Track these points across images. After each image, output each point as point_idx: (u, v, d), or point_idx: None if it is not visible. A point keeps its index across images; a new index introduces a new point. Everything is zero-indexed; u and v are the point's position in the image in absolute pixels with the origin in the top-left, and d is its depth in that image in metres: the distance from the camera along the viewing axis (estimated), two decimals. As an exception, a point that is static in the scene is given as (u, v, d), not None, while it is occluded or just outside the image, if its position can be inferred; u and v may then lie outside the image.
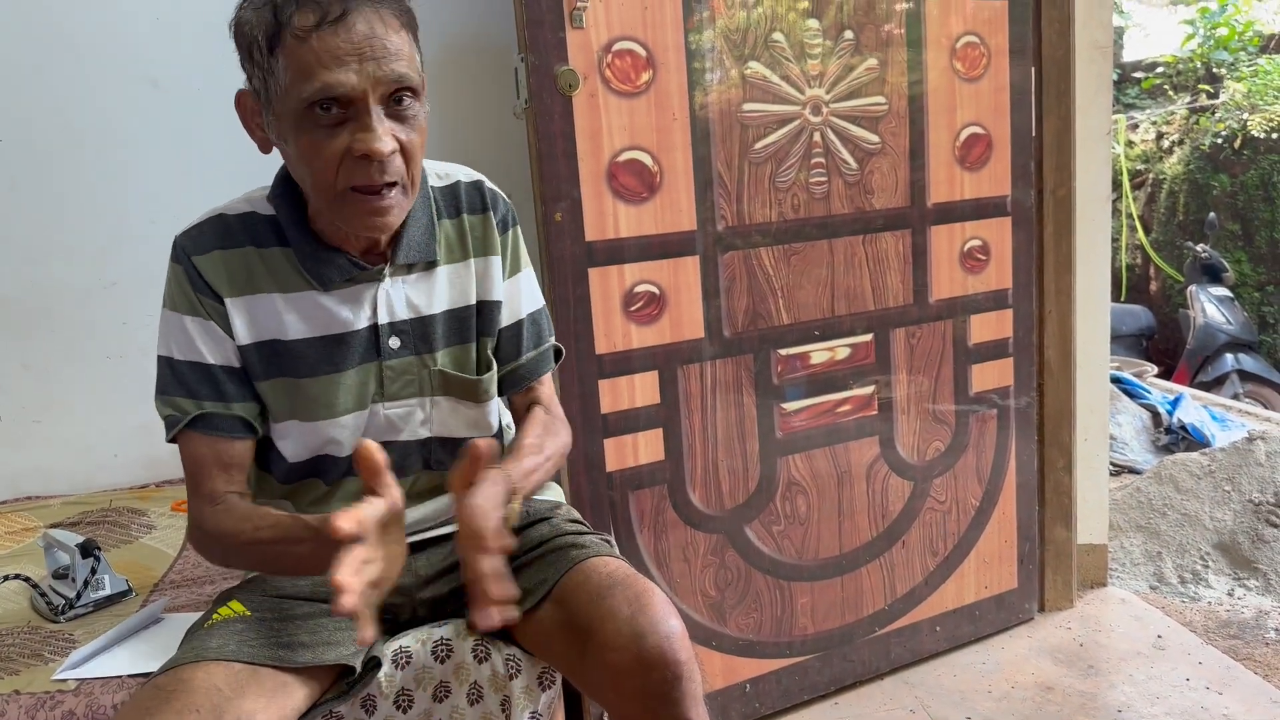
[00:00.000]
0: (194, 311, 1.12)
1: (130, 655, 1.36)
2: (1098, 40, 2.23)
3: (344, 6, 0.98)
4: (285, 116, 1.02)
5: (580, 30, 1.64)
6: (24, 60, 2.06)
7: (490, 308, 1.24)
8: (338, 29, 0.98)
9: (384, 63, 1.00)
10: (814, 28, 1.87)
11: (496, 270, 1.24)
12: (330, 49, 0.98)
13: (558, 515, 1.33)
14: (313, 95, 0.99)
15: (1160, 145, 5.43)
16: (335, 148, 1.01)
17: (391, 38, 1.01)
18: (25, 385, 2.15)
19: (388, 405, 1.20)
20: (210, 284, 1.11)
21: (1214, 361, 4.28)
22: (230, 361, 1.13)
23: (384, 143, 1.01)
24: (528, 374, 1.30)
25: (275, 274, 1.13)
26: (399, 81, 1.01)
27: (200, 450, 1.14)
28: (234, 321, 1.12)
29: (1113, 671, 2.07)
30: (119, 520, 1.96)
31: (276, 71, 1.00)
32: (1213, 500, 2.73)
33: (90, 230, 2.15)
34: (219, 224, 1.14)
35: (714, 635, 1.92)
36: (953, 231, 2.06)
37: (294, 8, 0.98)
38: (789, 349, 1.94)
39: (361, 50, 0.98)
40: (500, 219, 1.25)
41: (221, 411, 1.13)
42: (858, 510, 2.05)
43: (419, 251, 1.17)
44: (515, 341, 1.28)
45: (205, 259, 1.12)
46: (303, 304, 1.14)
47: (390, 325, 1.17)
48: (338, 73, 0.98)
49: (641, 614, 1.07)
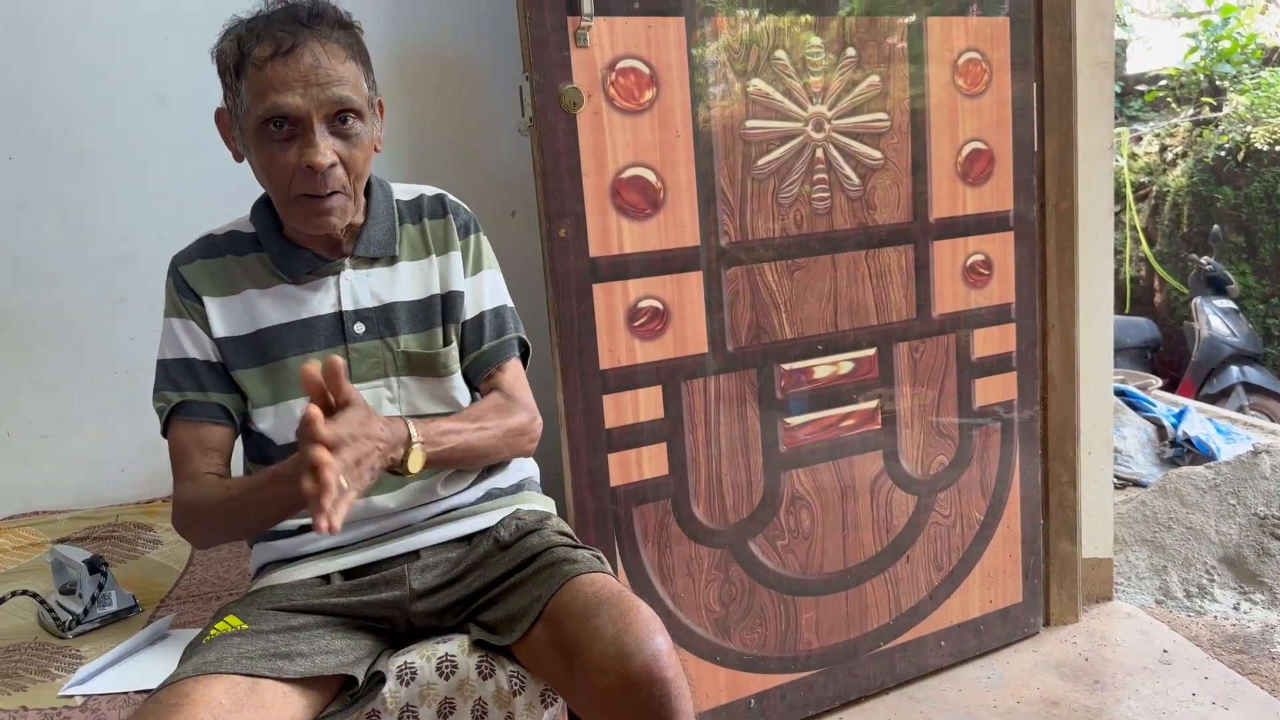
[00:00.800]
0: (179, 314, 1.29)
1: (137, 671, 1.36)
2: (1099, 55, 2.24)
3: (294, 41, 1.16)
4: (247, 131, 1.21)
5: (584, 49, 1.66)
6: (33, 79, 2.08)
7: (454, 297, 1.36)
8: (288, 59, 1.16)
9: (326, 88, 1.17)
10: (816, 44, 1.88)
11: (457, 265, 1.37)
12: (281, 76, 1.15)
13: (547, 527, 1.34)
14: (265, 114, 1.16)
15: (1164, 158, 5.44)
16: (287, 160, 1.19)
17: (337, 67, 1.18)
18: (33, 400, 2.17)
19: (356, 386, 1.25)
20: (192, 287, 1.29)
21: (1219, 374, 4.27)
22: (209, 356, 1.29)
23: (324, 156, 1.18)
24: (490, 360, 1.39)
25: (251, 274, 1.30)
26: (339, 104, 1.19)
27: (182, 436, 1.27)
28: (212, 319, 1.28)
29: (1118, 686, 2.07)
30: (126, 535, 1.97)
31: (241, 94, 1.19)
32: (1218, 514, 2.72)
33: (99, 247, 2.16)
34: (205, 241, 1.33)
35: (718, 650, 1.92)
36: (955, 246, 2.07)
37: (255, 41, 1.17)
38: (792, 363, 1.94)
39: (307, 77, 1.16)
40: (461, 224, 1.39)
41: (200, 399, 1.27)
42: (862, 525, 2.05)
43: (379, 248, 1.32)
44: (478, 332, 1.39)
45: (189, 267, 1.30)
46: (276, 295, 1.29)
47: (355, 312, 1.30)
48: (286, 95, 1.15)
49: (626, 633, 1.08)
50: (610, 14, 1.68)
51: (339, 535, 1.29)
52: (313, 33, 1.18)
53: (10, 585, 1.67)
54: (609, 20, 1.68)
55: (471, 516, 1.35)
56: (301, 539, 1.30)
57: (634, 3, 1.70)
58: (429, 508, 1.33)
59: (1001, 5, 2.06)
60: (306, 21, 1.18)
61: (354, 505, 1.26)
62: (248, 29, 1.18)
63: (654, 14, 1.72)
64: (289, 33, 1.16)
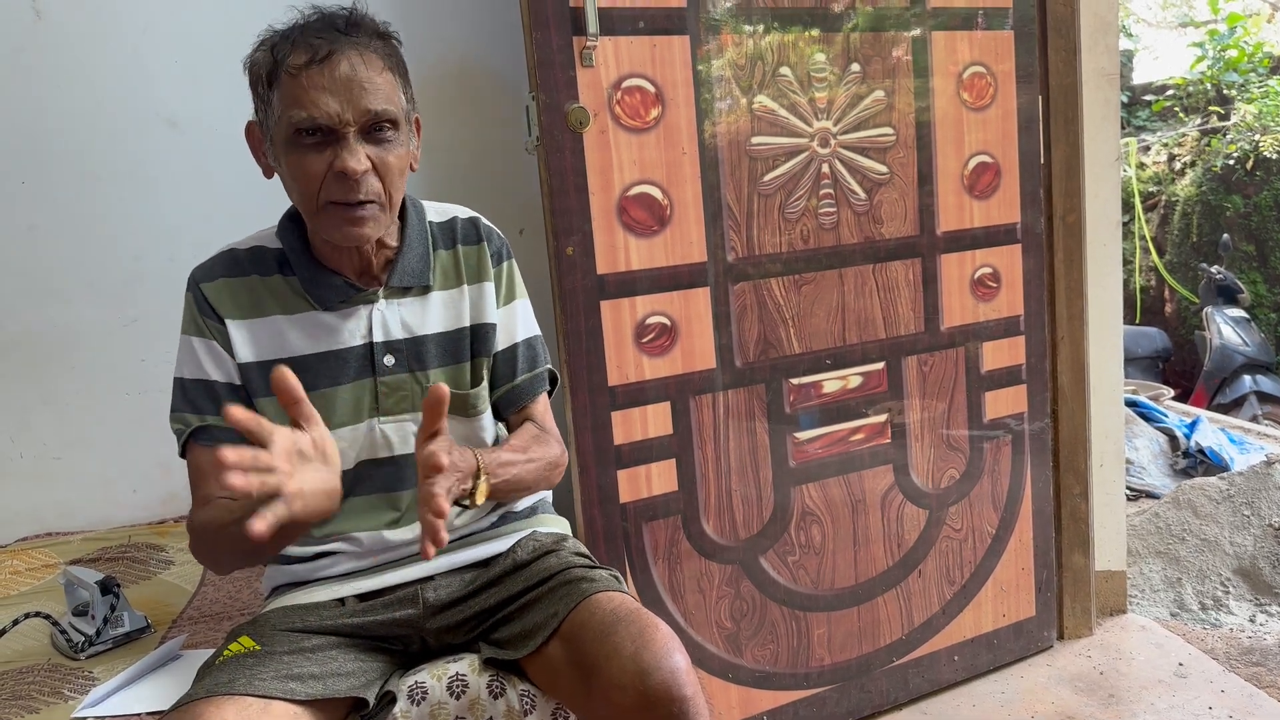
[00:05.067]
0: (200, 333, 1.23)
1: (149, 692, 1.37)
2: (1104, 67, 2.24)
3: (330, 48, 1.12)
4: (279, 141, 1.16)
5: (590, 69, 1.67)
6: (45, 103, 2.10)
7: (485, 330, 1.32)
8: (324, 67, 1.12)
9: (361, 98, 1.13)
10: (821, 60, 1.89)
11: (490, 296, 1.32)
12: (316, 84, 1.12)
13: (564, 548, 1.33)
14: (299, 121, 1.12)
15: (1172, 167, 5.43)
16: (318, 165, 1.14)
17: (373, 77, 1.15)
18: (46, 422, 2.18)
19: (383, 420, 1.26)
20: (214, 307, 1.23)
21: (1231, 383, 4.24)
22: (231, 379, 1.23)
23: (358, 162, 1.13)
24: (522, 395, 1.36)
25: (279, 298, 1.24)
26: (375, 115, 1.14)
27: (200, 460, 1.22)
28: (235, 342, 1.22)
29: (1134, 700, 2.05)
30: (138, 556, 1.98)
31: (273, 103, 1.15)
32: (1232, 525, 2.71)
33: (110, 269, 2.18)
34: (228, 257, 1.27)
35: (730, 667, 1.92)
36: (963, 259, 2.07)
37: (289, 49, 1.13)
38: (801, 378, 1.94)
39: (341, 85, 1.12)
40: (494, 251, 1.34)
41: (219, 424, 1.20)
42: (873, 539, 2.04)
43: (413, 277, 1.27)
44: (511, 364, 1.35)
45: (212, 285, 1.24)
46: (304, 323, 1.24)
47: (385, 343, 1.26)
48: (321, 103, 1.12)
49: (645, 650, 1.08)
50: (615, 34, 1.69)
51: (354, 563, 1.28)
52: (350, 40, 1.15)
53: (23, 607, 1.67)
54: (614, 40, 1.69)
55: (487, 542, 1.33)
56: (316, 564, 1.28)
57: (639, 22, 1.71)
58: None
59: (1006, 18, 2.06)
60: (344, 29, 1.15)
61: (371, 538, 1.27)
62: (283, 37, 1.15)
63: (659, 33, 1.73)
64: (325, 40, 1.13)
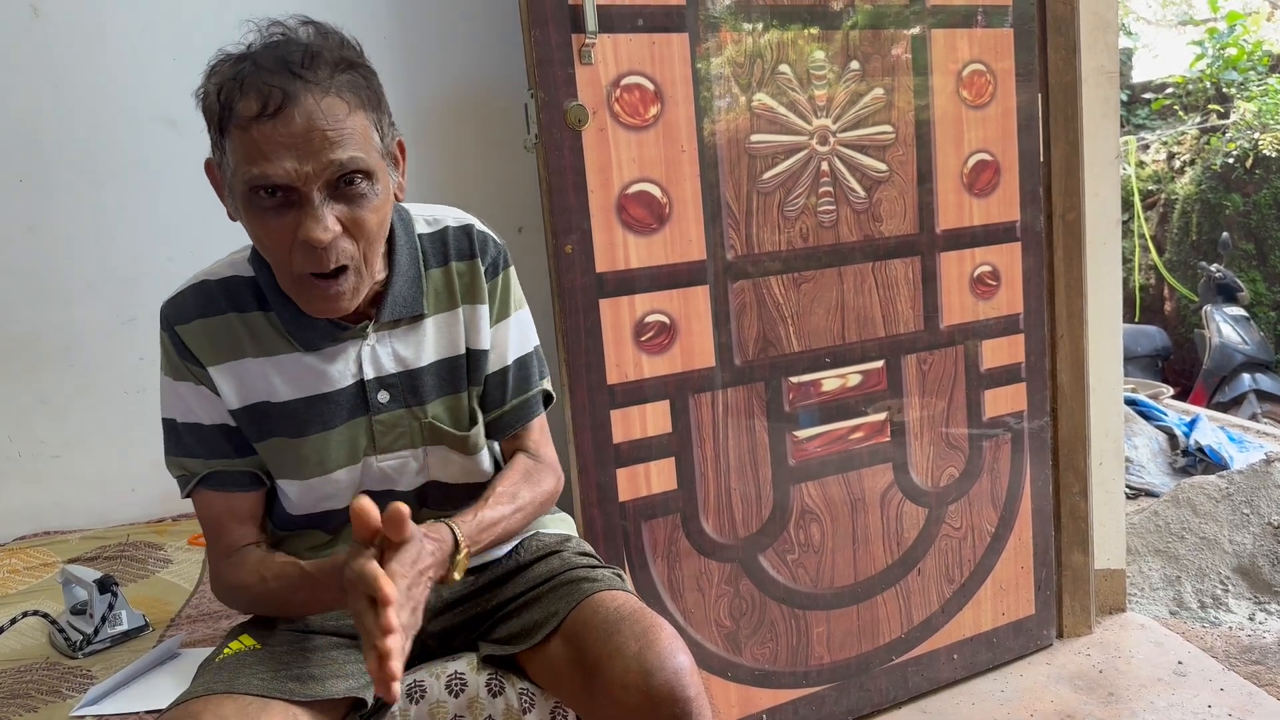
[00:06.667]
0: (183, 377, 1.14)
1: (147, 691, 1.36)
2: (1104, 65, 2.24)
3: (284, 97, 0.97)
4: (237, 195, 1.03)
5: (589, 66, 1.66)
6: (43, 101, 2.10)
7: (478, 356, 1.24)
8: (276, 121, 0.97)
9: (324, 153, 0.99)
10: (820, 58, 1.89)
11: (484, 318, 1.23)
12: (269, 139, 0.98)
13: (568, 548, 1.32)
14: (253, 181, 0.99)
15: (1171, 166, 5.43)
16: (283, 229, 1.02)
17: (338, 124, 1.00)
18: (44, 421, 2.17)
19: (381, 458, 1.20)
20: (194, 352, 1.13)
21: (1231, 382, 4.24)
22: (226, 421, 1.16)
23: (324, 230, 1.00)
24: (513, 420, 1.29)
25: (258, 338, 1.14)
26: (341, 168, 1.01)
27: (214, 507, 1.18)
28: (220, 387, 1.13)
29: (1133, 699, 2.05)
30: (136, 555, 1.97)
31: (227, 152, 1.02)
32: (1232, 523, 2.71)
33: (108, 268, 2.17)
34: (200, 291, 1.15)
35: (730, 666, 1.91)
36: (962, 257, 2.07)
37: (239, 96, 0.98)
38: (800, 376, 1.94)
39: (299, 142, 0.98)
40: (489, 264, 1.24)
41: (228, 469, 1.17)
42: (872, 537, 2.04)
43: (404, 307, 1.17)
44: (501, 388, 1.27)
45: (187, 328, 1.13)
46: (288, 365, 1.15)
47: (378, 380, 1.17)
48: (276, 163, 0.98)
49: (649, 650, 1.07)
50: (614, 31, 1.69)
51: None
52: (307, 85, 0.99)
53: (21, 605, 1.67)
54: (613, 37, 1.69)
55: None
56: None
57: (638, 19, 1.71)
58: None
59: (1005, 16, 2.06)
60: (300, 69, 0.99)
61: None
62: (231, 78, 0.99)
63: (658, 30, 1.73)
64: (278, 85, 0.97)
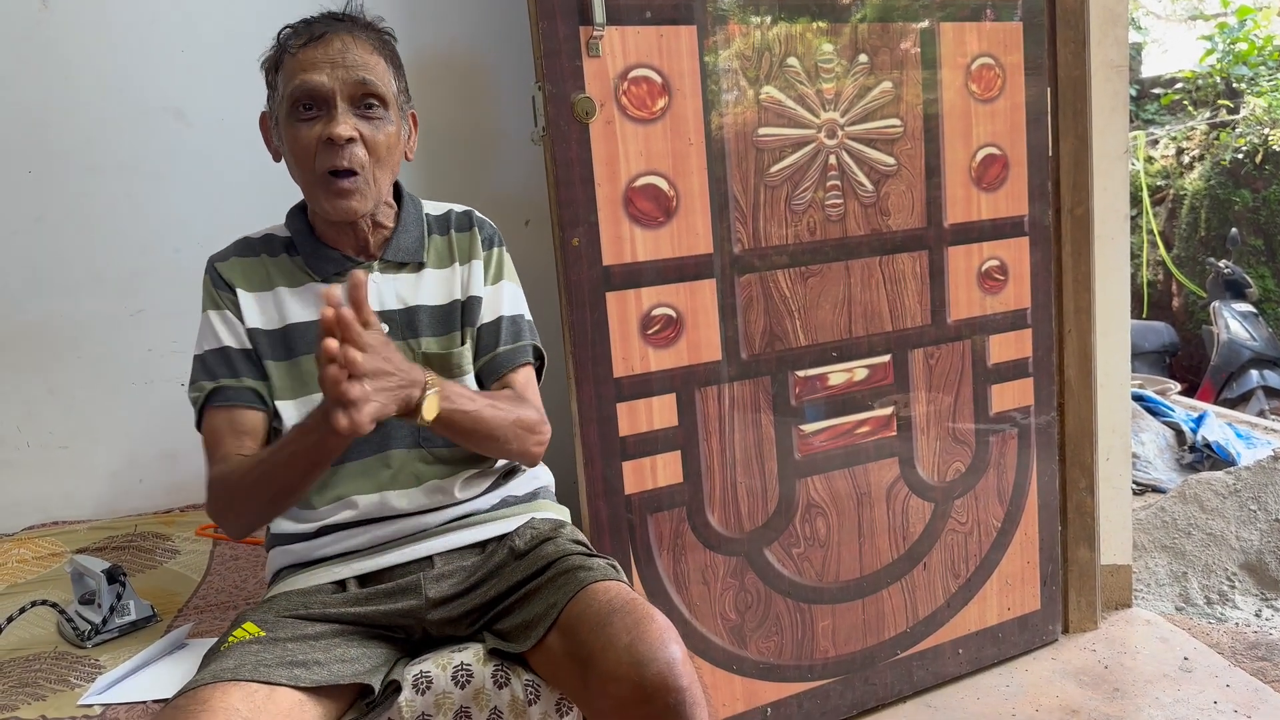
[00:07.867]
0: (215, 305, 1.34)
1: (155, 680, 1.37)
2: (1113, 59, 2.23)
3: (325, 29, 1.27)
4: (281, 119, 1.28)
5: (596, 59, 1.66)
6: (51, 93, 2.11)
7: (473, 302, 1.40)
8: (318, 45, 1.26)
9: (351, 70, 1.25)
10: (828, 51, 1.88)
11: (479, 273, 1.41)
12: (310, 59, 1.25)
13: (562, 535, 1.35)
14: (294, 92, 1.25)
15: (1180, 161, 5.40)
16: (312, 135, 1.25)
17: (364, 56, 1.27)
18: (52, 412, 2.18)
19: None
20: (226, 280, 1.34)
21: (1238, 378, 4.23)
22: (243, 344, 1.32)
23: (343, 128, 1.24)
24: (503, 364, 1.40)
25: (283, 273, 1.36)
26: (362, 86, 1.26)
27: (217, 422, 1.29)
28: (245, 309, 1.33)
29: (1139, 694, 2.05)
30: (144, 545, 1.98)
31: (278, 85, 1.29)
32: (1238, 519, 2.70)
33: (116, 260, 2.18)
34: (241, 242, 1.39)
35: (735, 659, 1.92)
36: (970, 252, 2.06)
37: (294, 36, 1.28)
38: (807, 370, 1.94)
39: (333, 60, 1.25)
40: (485, 237, 1.44)
41: (234, 384, 1.30)
42: (878, 532, 2.04)
43: (407, 253, 1.38)
44: (494, 335, 1.41)
45: (225, 264, 1.36)
46: (304, 294, 1.34)
47: (381, 313, 1.31)
48: (313, 74, 1.24)
49: (640, 641, 1.08)
50: (622, 23, 1.68)
51: (354, 540, 1.29)
52: (344, 25, 1.28)
53: (30, 595, 1.68)
54: (621, 30, 1.68)
55: (487, 523, 1.35)
56: (318, 542, 1.31)
57: (646, 12, 1.70)
58: (444, 512, 1.33)
59: (1015, 10, 2.05)
60: (340, 17, 1.30)
61: (369, 502, 1.28)
62: (290, 27, 1.30)
63: (666, 23, 1.72)
64: (322, 23, 1.28)
